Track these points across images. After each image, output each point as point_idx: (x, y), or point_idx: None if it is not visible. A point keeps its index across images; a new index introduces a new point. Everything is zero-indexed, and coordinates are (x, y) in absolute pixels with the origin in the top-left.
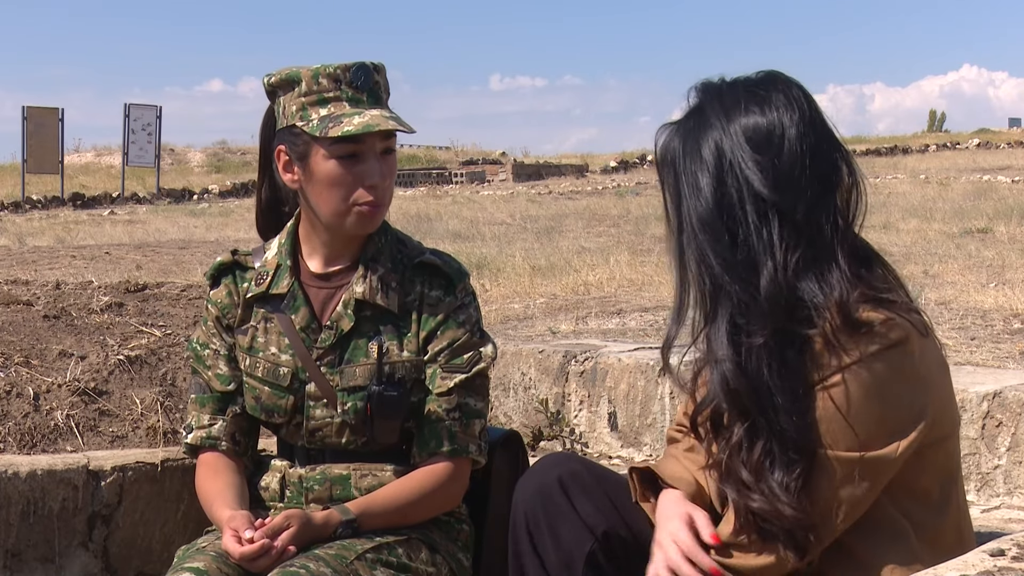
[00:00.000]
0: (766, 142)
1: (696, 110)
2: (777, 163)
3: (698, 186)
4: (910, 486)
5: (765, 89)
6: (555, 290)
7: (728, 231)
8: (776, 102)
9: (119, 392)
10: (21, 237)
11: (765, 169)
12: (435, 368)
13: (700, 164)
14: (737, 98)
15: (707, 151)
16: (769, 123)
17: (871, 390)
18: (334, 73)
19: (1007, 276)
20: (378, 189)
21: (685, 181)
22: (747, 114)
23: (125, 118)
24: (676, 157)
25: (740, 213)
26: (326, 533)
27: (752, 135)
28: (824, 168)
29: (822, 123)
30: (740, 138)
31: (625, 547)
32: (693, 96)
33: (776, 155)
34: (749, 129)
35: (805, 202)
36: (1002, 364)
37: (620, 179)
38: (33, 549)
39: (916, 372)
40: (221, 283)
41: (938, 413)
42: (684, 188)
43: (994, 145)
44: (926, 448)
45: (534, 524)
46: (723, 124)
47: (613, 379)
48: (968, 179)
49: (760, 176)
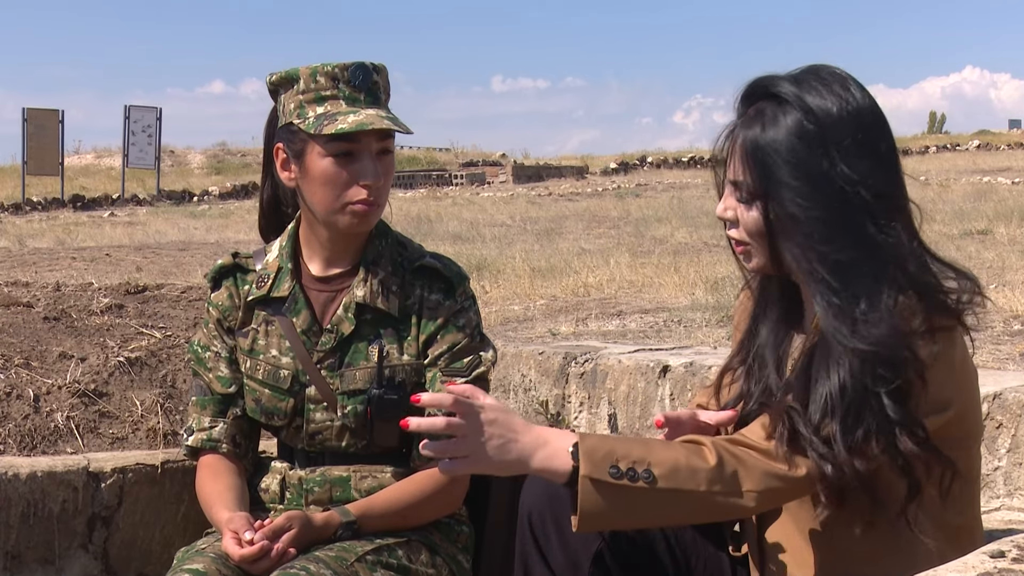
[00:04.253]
0: (868, 128)
1: (770, 103)
2: (880, 151)
3: (805, 176)
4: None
5: (831, 75)
6: (555, 292)
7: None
8: (856, 85)
9: (119, 394)
10: (21, 239)
11: (873, 159)
12: (435, 372)
13: (797, 153)
14: (813, 86)
15: (801, 141)
16: (865, 106)
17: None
18: (332, 72)
19: (1007, 277)
20: (373, 188)
21: (786, 172)
22: (833, 98)
23: (125, 120)
24: (760, 149)
25: (861, 207)
26: (326, 535)
27: (850, 120)
28: (896, 159)
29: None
30: (838, 125)
31: (633, 546)
32: (750, 94)
33: (879, 142)
34: (848, 114)
35: (904, 191)
36: (1002, 366)
37: (620, 181)
38: (33, 551)
39: (953, 363)
40: (222, 285)
41: (963, 413)
42: (784, 180)
43: (994, 147)
44: (945, 444)
45: (540, 524)
46: (816, 108)
47: (613, 381)
48: (968, 181)
49: (870, 167)
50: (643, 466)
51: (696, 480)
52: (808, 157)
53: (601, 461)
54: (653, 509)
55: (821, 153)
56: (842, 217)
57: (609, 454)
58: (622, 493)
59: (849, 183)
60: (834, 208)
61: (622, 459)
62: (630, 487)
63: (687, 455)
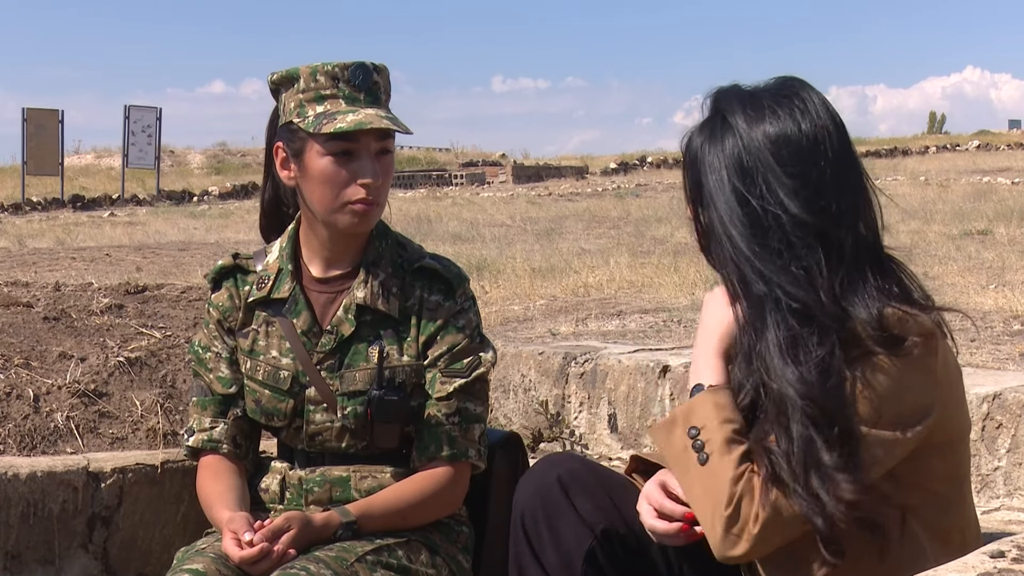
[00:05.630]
0: (797, 154)
1: (718, 117)
2: (811, 177)
3: (726, 197)
4: (920, 486)
5: (787, 96)
6: (555, 292)
7: (765, 243)
8: (801, 109)
9: (119, 394)
10: (21, 239)
11: (798, 184)
12: (435, 373)
13: (725, 173)
14: (761, 107)
15: (730, 162)
16: (798, 133)
17: (891, 375)
18: (332, 71)
19: (1007, 278)
20: (371, 188)
21: (714, 188)
22: (771, 122)
23: (125, 120)
24: (700, 161)
25: (777, 230)
26: (326, 535)
27: (781, 147)
28: (852, 179)
29: (845, 130)
30: (766, 151)
31: (625, 545)
32: (711, 104)
33: (811, 168)
34: (779, 140)
35: (838, 216)
36: (1002, 366)
37: (620, 181)
38: (33, 551)
39: (932, 369)
40: (222, 286)
41: (947, 415)
42: (712, 195)
43: (994, 147)
44: (933, 449)
45: (533, 523)
46: (746, 134)
47: (613, 381)
48: (968, 181)
49: (793, 193)
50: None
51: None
52: (735, 180)
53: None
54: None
55: (749, 181)
56: (759, 238)
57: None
58: (685, 454)
59: (768, 206)
60: (750, 229)
61: (701, 429)
62: (688, 451)
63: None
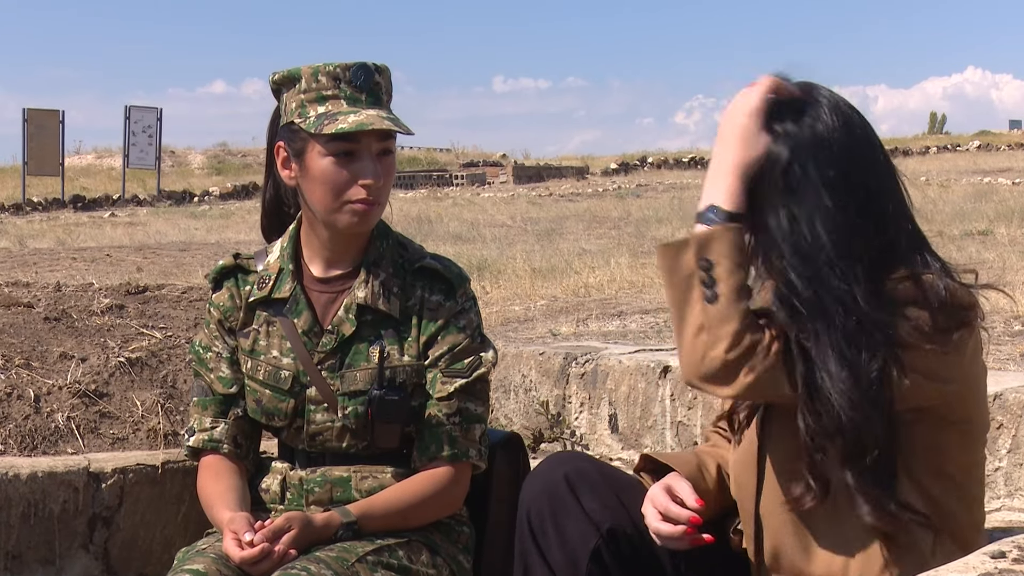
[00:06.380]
0: (874, 165)
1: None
2: (852, 173)
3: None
4: (936, 467)
5: (815, 99)
6: (556, 292)
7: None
8: (829, 109)
9: (120, 394)
10: (22, 239)
11: (842, 181)
12: (435, 373)
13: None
14: (850, 115)
15: (843, 164)
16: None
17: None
18: (334, 71)
19: (1008, 278)
20: (372, 188)
21: (818, 184)
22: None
23: (126, 120)
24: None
25: (861, 240)
26: (327, 535)
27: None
28: (888, 168)
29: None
30: (867, 158)
31: (631, 544)
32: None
33: (851, 165)
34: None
35: (895, 216)
36: (1003, 366)
37: (620, 181)
38: (33, 551)
39: (964, 352)
40: (223, 286)
41: (966, 394)
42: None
43: (994, 147)
44: (951, 425)
45: (539, 521)
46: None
47: (614, 381)
48: (968, 181)
49: (836, 188)
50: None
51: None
52: (841, 181)
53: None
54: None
55: (851, 187)
56: (846, 245)
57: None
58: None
59: (864, 215)
60: (843, 235)
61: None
62: (694, 278)
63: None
